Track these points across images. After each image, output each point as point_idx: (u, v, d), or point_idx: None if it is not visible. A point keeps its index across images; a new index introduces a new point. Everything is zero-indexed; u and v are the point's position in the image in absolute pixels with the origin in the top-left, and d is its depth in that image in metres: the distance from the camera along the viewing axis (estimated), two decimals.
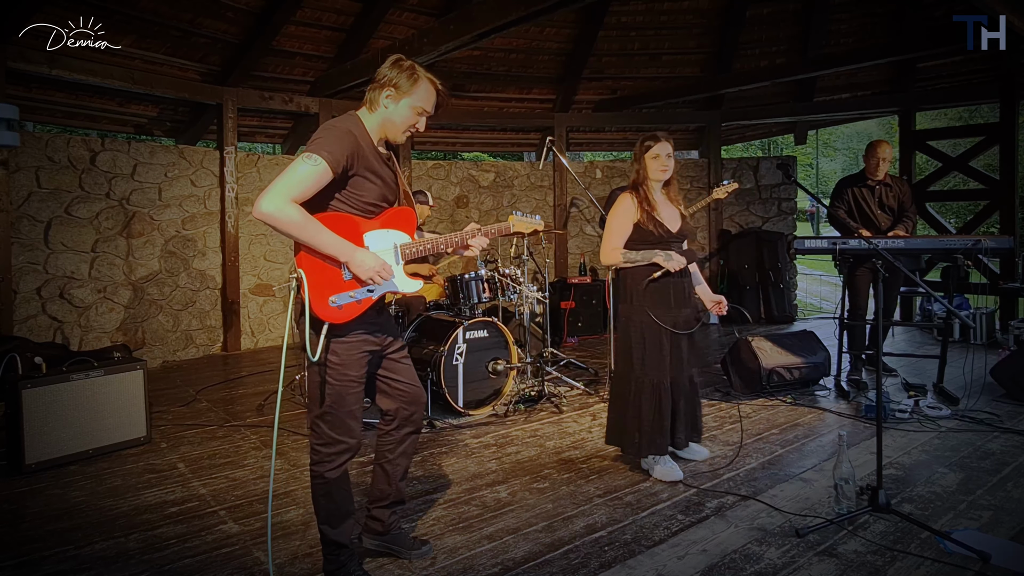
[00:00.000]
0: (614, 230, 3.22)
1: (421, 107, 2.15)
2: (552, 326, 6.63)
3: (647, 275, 3.17)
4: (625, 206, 3.21)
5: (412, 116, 2.15)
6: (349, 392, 2.16)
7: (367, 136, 2.15)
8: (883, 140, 4.96)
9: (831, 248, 4.32)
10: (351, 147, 2.05)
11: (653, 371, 3.15)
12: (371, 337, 2.21)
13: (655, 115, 8.43)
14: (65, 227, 5.60)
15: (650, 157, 3.20)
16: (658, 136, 3.21)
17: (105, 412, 3.61)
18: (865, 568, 2.34)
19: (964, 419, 3.99)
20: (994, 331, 6.32)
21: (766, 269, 8.00)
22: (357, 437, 2.20)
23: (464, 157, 14.62)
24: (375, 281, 2.08)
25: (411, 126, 2.17)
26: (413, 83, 2.12)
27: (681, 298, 3.23)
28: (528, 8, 4.35)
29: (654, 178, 3.22)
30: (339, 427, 2.16)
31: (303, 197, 1.97)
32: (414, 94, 2.12)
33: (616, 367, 3.42)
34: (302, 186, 1.95)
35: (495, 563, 2.41)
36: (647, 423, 3.14)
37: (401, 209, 2.26)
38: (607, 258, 3.24)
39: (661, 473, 3.18)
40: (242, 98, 6.58)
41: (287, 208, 1.92)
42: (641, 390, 3.17)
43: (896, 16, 6.95)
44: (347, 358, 2.14)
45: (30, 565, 2.45)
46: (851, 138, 30.12)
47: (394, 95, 2.12)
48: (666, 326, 3.15)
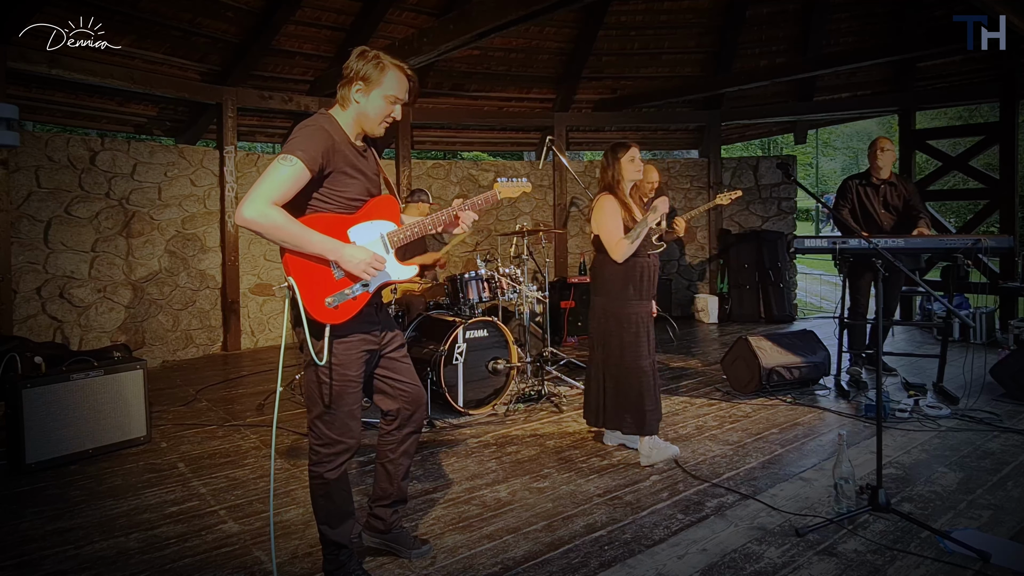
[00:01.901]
0: (612, 227, 3.39)
1: (393, 95, 2.11)
2: (552, 326, 6.63)
3: (624, 268, 3.39)
4: (612, 205, 3.41)
5: (386, 106, 2.12)
6: (348, 392, 2.15)
7: (342, 133, 2.12)
8: (885, 136, 4.97)
9: (831, 248, 4.32)
10: (325, 144, 2.03)
11: (635, 355, 3.41)
12: (370, 336, 2.20)
13: (655, 115, 8.43)
14: (65, 227, 5.60)
15: (627, 159, 3.44)
16: (628, 143, 3.48)
17: (105, 412, 3.61)
18: (865, 567, 2.34)
19: (964, 418, 3.99)
20: (994, 330, 6.33)
21: (766, 268, 8.00)
22: (356, 437, 2.19)
23: (464, 156, 14.62)
24: (369, 274, 2.06)
25: (386, 115, 2.13)
26: (381, 72, 2.08)
27: (648, 291, 3.49)
28: (528, 8, 4.35)
29: (629, 179, 3.46)
30: (338, 427, 2.15)
31: (284, 199, 1.95)
32: (384, 83, 2.08)
33: (592, 354, 3.61)
34: (282, 188, 1.93)
35: (495, 562, 2.41)
36: (650, 402, 3.37)
37: (381, 198, 2.22)
38: (619, 251, 3.36)
39: (661, 455, 3.36)
40: (242, 98, 6.58)
41: (269, 212, 1.90)
42: (642, 373, 3.39)
43: (896, 16, 6.95)
44: (345, 358, 2.13)
45: (30, 564, 2.45)
46: (851, 137, 30.10)
47: (364, 88, 2.09)
48: (638, 315, 3.43)
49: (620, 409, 3.46)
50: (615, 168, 3.45)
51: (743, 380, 4.66)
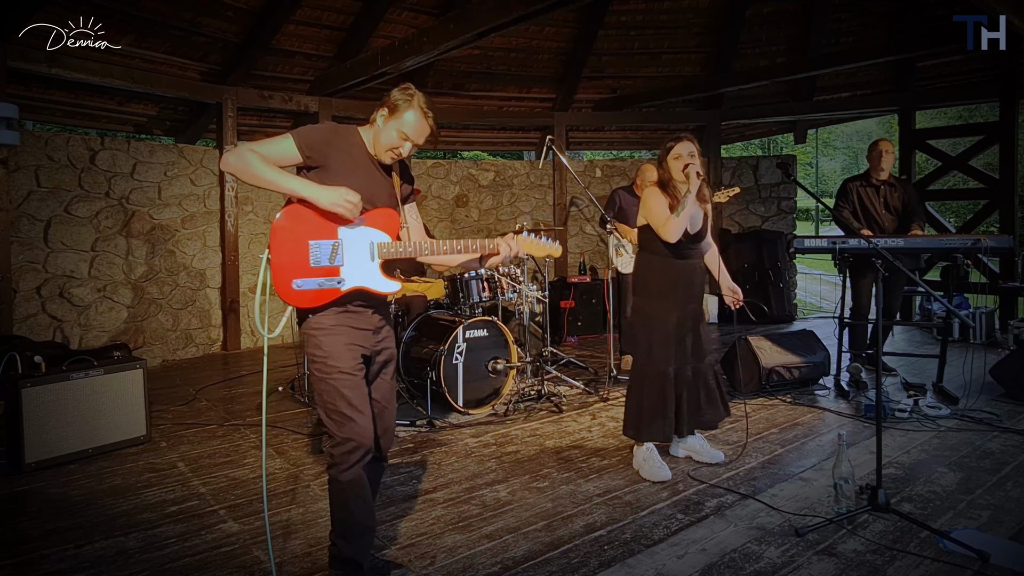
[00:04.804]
0: (658, 210, 3.19)
1: (405, 133, 2.18)
2: (552, 325, 6.63)
3: (663, 269, 3.25)
4: (655, 193, 3.24)
5: (396, 139, 2.18)
6: (343, 385, 2.09)
7: (360, 142, 2.22)
8: (885, 139, 4.96)
9: (831, 248, 4.32)
10: (326, 139, 2.12)
11: (660, 361, 3.23)
12: (359, 333, 2.17)
13: (655, 114, 8.43)
14: (65, 226, 5.60)
15: (672, 157, 3.23)
16: (680, 137, 3.24)
17: (105, 411, 3.61)
18: (864, 567, 2.34)
19: (964, 419, 3.99)
20: (994, 330, 6.33)
21: (766, 268, 8.00)
22: (366, 435, 2.09)
23: (464, 156, 14.61)
24: (343, 207, 2.04)
25: (393, 147, 2.19)
26: (405, 109, 2.17)
27: (689, 293, 3.30)
28: (527, 7, 4.35)
29: (678, 179, 3.21)
30: (342, 424, 2.08)
31: (268, 159, 2.05)
32: (402, 119, 2.17)
33: (633, 358, 3.43)
34: (269, 150, 2.06)
35: (495, 562, 2.42)
36: (647, 408, 3.22)
37: (383, 210, 2.22)
38: (672, 232, 3.11)
39: (648, 473, 3.21)
40: (242, 97, 6.57)
41: (247, 155, 2.02)
42: (645, 377, 3.26)
43: (896, 16, 6.94)
44: (331, 349, 2.10)
45: (30, 564, 2.45)
46: (851, 137, 30.12)
47: (386, 115, 2.19)
48: (671, 319, 3.23)
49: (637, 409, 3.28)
50: (665, 166, 3.27)
51: (743, 380, 4.66)
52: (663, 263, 3.26)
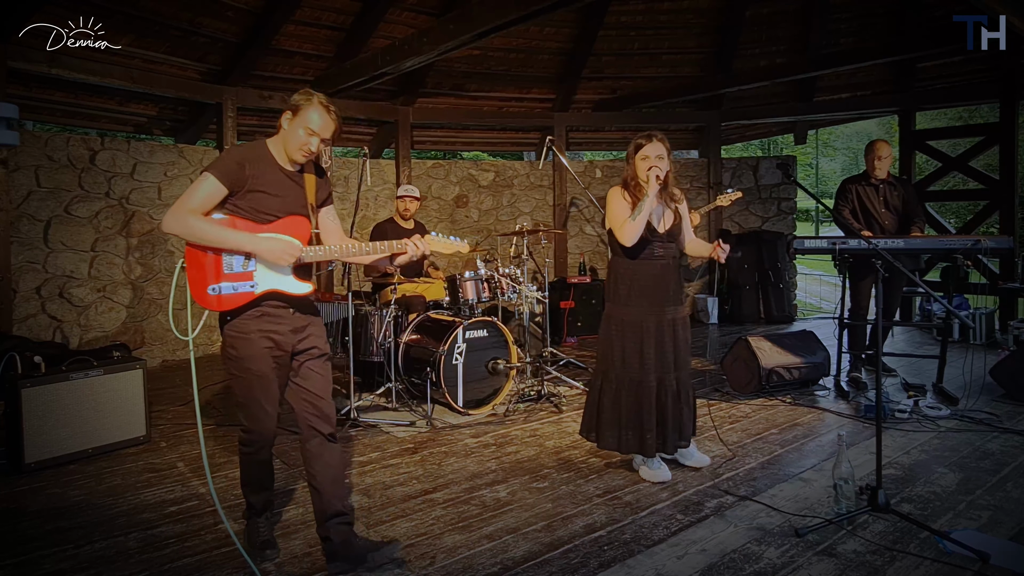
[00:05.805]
0: (617, 211, 3.14)
1: (311, 129, 2.30)
2: (552, 326, 6.63)
3: (631, 272, 3.16)
4: (619, 197, 3.18)
5: (304, 137, 2.30)
6: (255, 387, 2.30)
7: (269, 156, 2.35)
8: (882, 139, 4.96)
9: (831, 248, 4.32)
10: (238, 164, 2.26)
11: (634, 369, 3.11)
12: (274, 334, 2.32)
13: (655, 115, 8.42)
14: (64, 226, 5.60)
15: (640, 157, 3.13)
16: (651, 136, 3.12)
17: (104, 411, 3.61)
18: (864, 568, 2.34)
19: (963, 419, 3.99)
20: (993, 331, 6.33)
21: (765, 269, 8.00)
22: (270, 431, 2.38)
23: (464, 156, 14.61)
24: (285, 261, 2.27)
25: (302, 145, 2.31)
26: (308, 108, 2.30)
27: (665, 296, 3.16)
28: (527, 8, 4.34)
29: (643, 179, 3.10)
30: (252, 419, 2.35)
31: (203, 209, 2.22)
32: (306, 117, 2.30)
33: (596, 363, 3.36)
34: (200, 200, 2.22)
35: (494, 562, 2.41)
36: (627, 419, 3.12)
37: (295, 218, 2.36)
38: (627, 235, 3.04)
39: (648, 474, 3.18)
40: (242, 97, 6.57)
41: (188, 220, 2.18)
42: (621, 387, 3.14)
43: (896, 16, 6.94)
44: (245, 352, 2.29)
45: (30, 564, 2.45)
46: (851, 138, 30.10)
47: (291, 118, 2.32)
48: (648, 324, 3.12)
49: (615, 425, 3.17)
50: (631, 164, 3.19)
51: (743, 380, 4.66)
52: (631, 266, 3.17)
